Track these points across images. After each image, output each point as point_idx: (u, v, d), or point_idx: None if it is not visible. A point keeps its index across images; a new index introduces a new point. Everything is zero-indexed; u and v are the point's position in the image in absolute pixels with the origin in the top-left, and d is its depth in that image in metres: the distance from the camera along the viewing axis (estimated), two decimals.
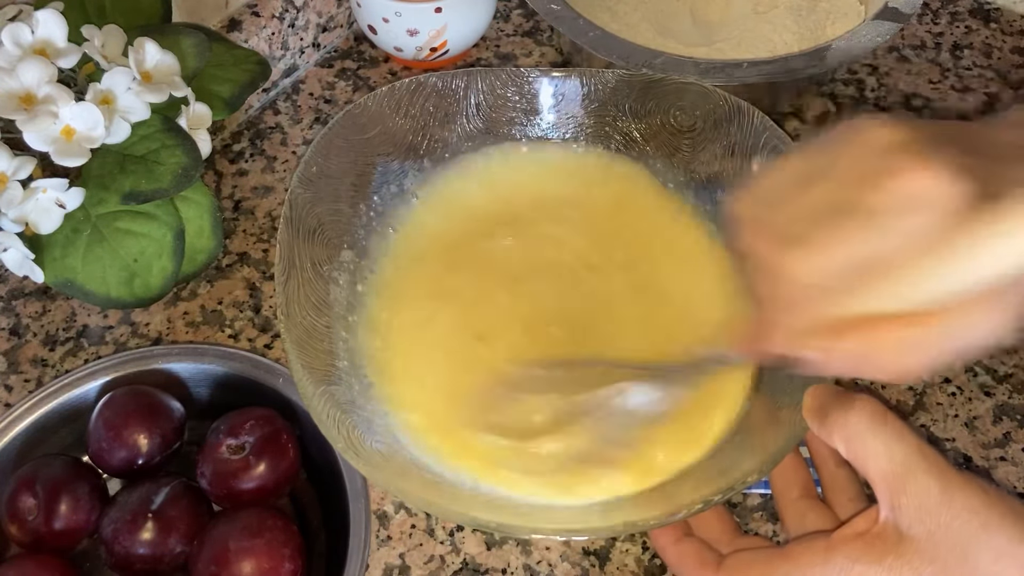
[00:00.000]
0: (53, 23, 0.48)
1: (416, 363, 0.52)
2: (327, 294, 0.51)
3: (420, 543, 0.49)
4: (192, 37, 0.54)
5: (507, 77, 0.57)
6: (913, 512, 0.36)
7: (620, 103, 0.57)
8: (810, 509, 0.43)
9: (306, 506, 0.52)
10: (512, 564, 0.49)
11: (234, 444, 0.48)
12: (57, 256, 0.51)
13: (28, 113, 0.46)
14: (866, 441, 0.38)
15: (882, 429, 0.38)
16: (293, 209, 0.50)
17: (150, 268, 0.52)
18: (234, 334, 0.57)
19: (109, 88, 0.48)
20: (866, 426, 0.38)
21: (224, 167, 0.66)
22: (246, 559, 0.44)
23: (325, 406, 0.44)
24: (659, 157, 0.57)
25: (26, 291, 0.59)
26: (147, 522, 0.45)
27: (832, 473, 0.45)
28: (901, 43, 0.74)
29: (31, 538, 0.46)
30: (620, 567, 0.49)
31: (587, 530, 0.44)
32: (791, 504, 0.44)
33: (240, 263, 0.60)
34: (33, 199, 0.48)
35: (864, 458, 0.38)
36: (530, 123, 0.58)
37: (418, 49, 0.68)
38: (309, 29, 0.71)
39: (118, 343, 0.56)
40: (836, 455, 0.45)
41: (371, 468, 0.43)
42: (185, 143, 0.50)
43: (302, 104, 0.70)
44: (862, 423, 0.38)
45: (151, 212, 0.51)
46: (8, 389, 0.54)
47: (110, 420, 0.48)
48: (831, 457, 0.45)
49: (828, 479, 0.45)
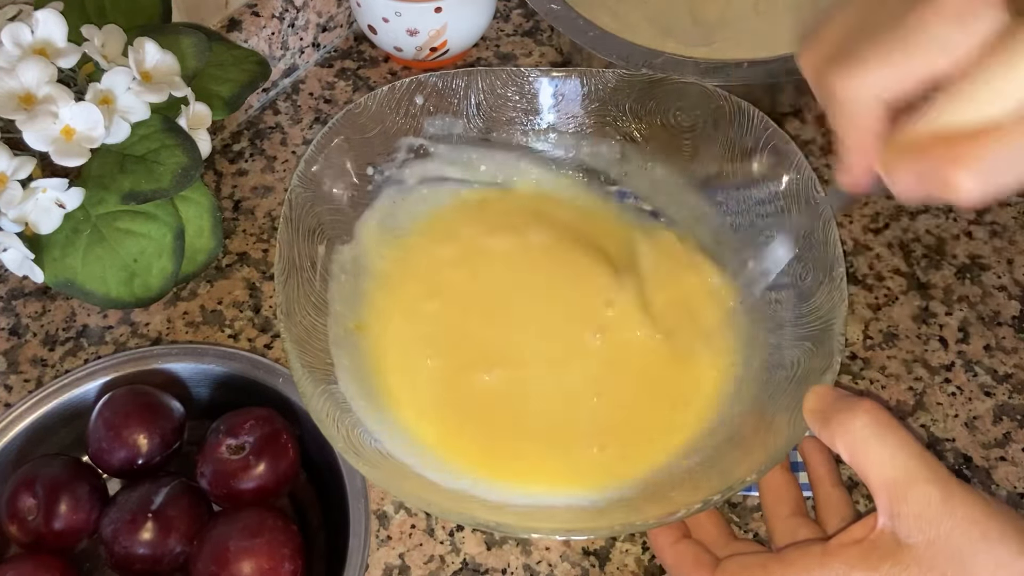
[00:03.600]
0: (53, 23, 0.48)
1: (415, 363, 0.52)
2: (327, 294, 0.51)
3: (420, 543, 0.49)
4: (192, 37, 0.54)
5: (507, 77, 0.57)
6: (913, 521, 0.36)
7: (620, 103, 0.57)
8: (801, 526, 0.43)
9: (306, 506, 0.52)
10: (512, 564, 0.49)
11: (234, 444, 0.48)
12: (57, 256, 0.51)
13: (28, 113, 0.46)
14: (869, 447, 0.38)
15: (886, 436, 0.37)
16: (293, 209, 0.50)
17: (150, 268, 0.52)
18: (234, 334, 0.57)
19: (109, 88, 0.48)
20: (871, 432, 0.38)
21: (224, 167, 0.66)
22: (246, 559, 0.44)
23: (325, 405, 0.44)
24: (659, 157, 0.57)
25: (26, 291, 0.59)
26: (147, 522, 0.45)
27: (827, 493, 0.45)
28: None
29: (31, 538, 0.46)
30: (620, 567, 0.49)
31: (587, 530, 0.44)
32: (782, 521, 0.44)
33: (240, 263, 0.60)
34: (33, 199, 0.48)
35: (867, 464, 0.38)
36: (530, 123, 0.58)
37: (418, 49, 0.68)
38: (309, 29, 0.71)
39: (118, 343, 0.56)
40: (832, 475, 0.45)
41: (371, 468, 0.43)
42: (185, 143, 0.50)
43: (302, 104, 0.70)
44: (867, 429, 0.38)
45: (151, 212, 0.51)
46: (8, 389, 0.54)
47: (110, 420, 0.48)
48: (827, 477, 0.46)
49: (823, 499, 0.45)
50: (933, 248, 0.61)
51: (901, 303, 0.58)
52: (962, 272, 0.60)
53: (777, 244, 0.48)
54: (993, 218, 0.62)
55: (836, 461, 0.46)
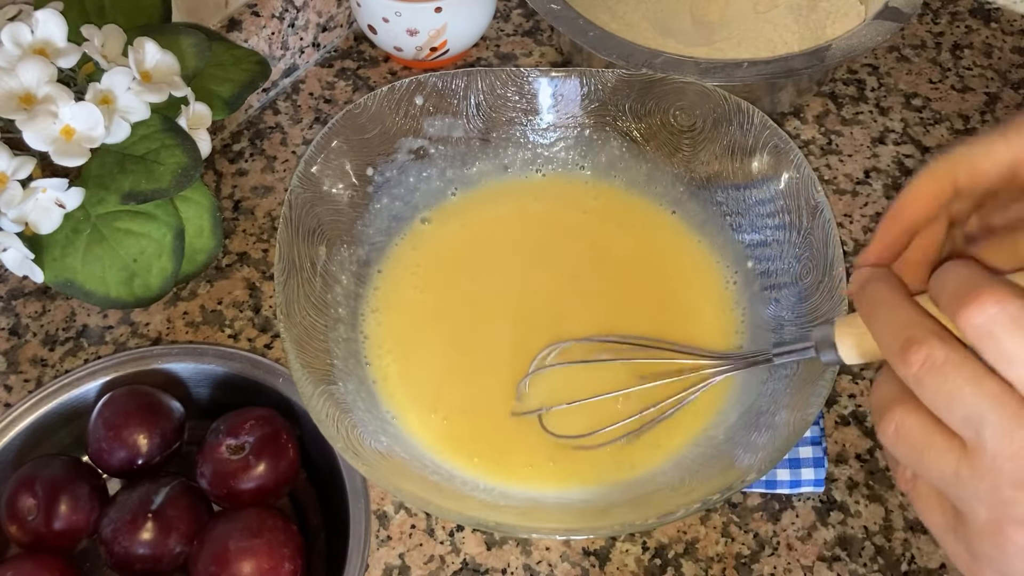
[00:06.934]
0: (53, 23, 0.48)
1: (415, 363, 0.52)
2: (327, 294, 0.51)
3: (420, 543, 0.49)
4: (192, 37, 0.54)
5: (507, 77, 0.57)
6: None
7: (620, 103, 0.57)
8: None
9: (306, 506, 0.52)
10: (512, 564, 0.49)
11: (234, 444, 0.48)
12: (57, 256, 0.51)
13: (28, 113, 0.46)
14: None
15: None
16: (293, 209, 0.50)
17: (150, 268, 0.52)
18: (234, 334, 0.57)
19: (109, 88, 0.48)
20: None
21: (224, 167, 0.66)
22: (246, 559, 0.44)
23: (325, 406, 0.44)
24: (659, 157, 0.57)
25: (26, 291, 0.59)
26: (147, 522, 0.45)
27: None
28: (901, 43, 0.74)
29: (31, 538, 0.46)
30: (620, 567, 0.49)
31: (587, 530, 0.44)
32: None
33: (240, 263, 0.60)
34: (33, 199, 0.48)
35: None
36: (530, 123, 0.58)
37: (418, 49, 0.68)
38: (309, 29, 0.71)
39: (118, 343, 0.56)
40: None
41: (371, 468, 0.43)
42: (185, 143, 0.50)
43: (302, 104, 0.70)
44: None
45: (151, 212, 0.51)
46: (8, 389, 0.54)
47: (110, 420, 0.48)
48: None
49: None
50: None
51: None
52: None
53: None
54: None
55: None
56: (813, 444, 0.50)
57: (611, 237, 0.57)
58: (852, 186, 0.64)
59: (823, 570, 0.48)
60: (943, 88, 0.71)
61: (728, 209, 0.55)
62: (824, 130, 0.68)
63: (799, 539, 0.49)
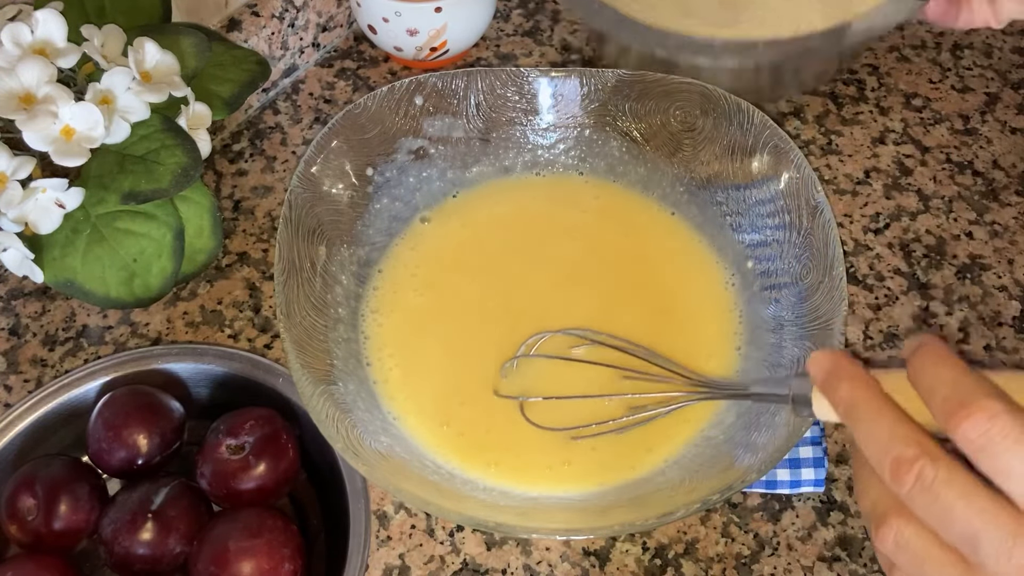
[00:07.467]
0: (53, 23, 0.48)
1: (415, 363, 0.52)
2: (327, 294, 0.51)
3: (420, 543, 0.49)
4: (192, 37, 0.54)
5: (507, 77, 0.57)
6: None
7: (620, 103, 0.57)
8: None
9: (306, 506, 0.52)
10: (512, 564, 0.49)
11: (234, 444, 0.48)
12: (57, 256, 0.51)
13: (28, 113, 0.46)
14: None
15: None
16: (293, 209, 0.50)
17: (150, 268, 0.52)
18: (234, 334, 0.57)
19: (109, 88, 0.48)
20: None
21: (224, 167, 0.66)
22: (246, 559, 0.44)
23: (325, 406, 0.44)
24: (659, 157, 0.57)
25: (26, 291, 0.59)
26: (147, 522, 0.45)
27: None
28: (901, 43, 0.74)
29: (31, 538, 0.46)
30: (620, 567, 0.49)
31: (587, 530, 0.44)
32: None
33: (240, 263, 0.60)
34: (33, 199, 0.48)
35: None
36: (530, 123, 0.58)
37: (418, 49, 0.68)
38: (309, 29, 0.71)
39: (118, 343, 0.56)
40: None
41: (371, 468, 0.43)
42: (185, 143, 0.50)
43: (302, 104, 0.70)
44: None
45: (151, 212, 0.51)
46: (8, 389, 0.54)
47: (110, 420, 0.48)
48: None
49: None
50: (933, 248, 0.61)
51: (901, 303, 0.58)
52: (962, 272, 0.60)
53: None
54: (993, 218, 0.62)
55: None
56: (813, 444, 0.50)
57: (611, 237, 0.57)
58: (852, 186, 0.64)
59: (823, 570, 0.48)
60: (943, 88, 0.71)
61: (728, 209, 0.55)
62: (824, 130, 0.68)
63: (799, 539, 0.49)
